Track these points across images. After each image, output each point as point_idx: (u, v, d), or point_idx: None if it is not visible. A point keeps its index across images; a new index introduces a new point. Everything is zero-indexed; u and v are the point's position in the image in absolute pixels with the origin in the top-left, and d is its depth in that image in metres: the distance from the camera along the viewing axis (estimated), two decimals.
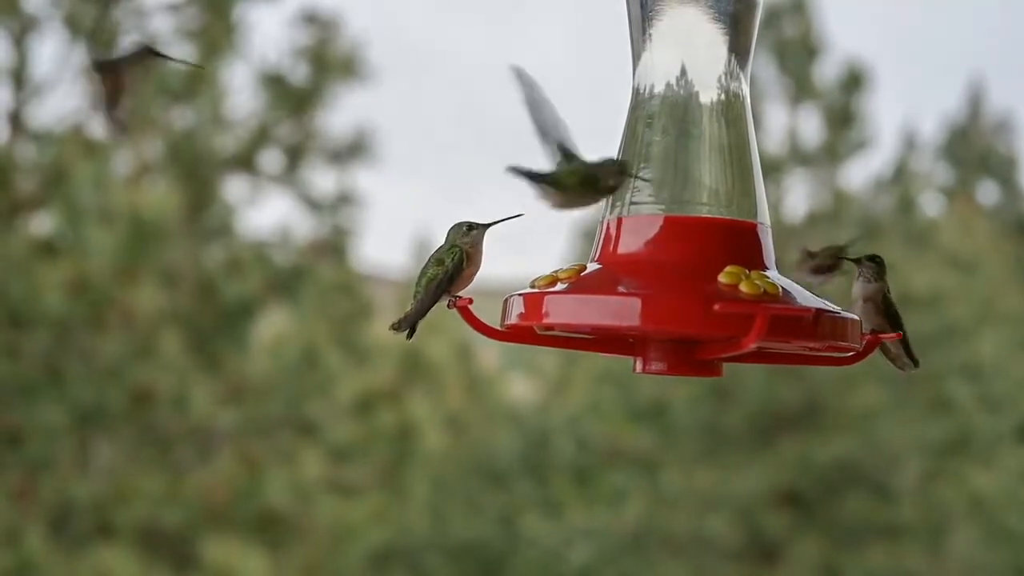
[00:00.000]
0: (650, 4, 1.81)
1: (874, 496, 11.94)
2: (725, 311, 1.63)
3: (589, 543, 12.27)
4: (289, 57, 10.50)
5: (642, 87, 1.83)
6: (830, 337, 1.73)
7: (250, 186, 10.51)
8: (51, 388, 8.77)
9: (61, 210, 8.95)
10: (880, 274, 1.89)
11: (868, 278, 1.88)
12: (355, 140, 10.65)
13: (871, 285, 1.87)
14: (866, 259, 1.90)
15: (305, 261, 10.36)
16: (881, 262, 1.90)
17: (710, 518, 11.84)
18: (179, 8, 9.69)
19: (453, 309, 1.79)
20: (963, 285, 13.29)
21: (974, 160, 17.44)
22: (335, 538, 10.07)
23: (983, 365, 12.73)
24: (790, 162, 12.82)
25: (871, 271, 1.88)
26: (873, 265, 1.89)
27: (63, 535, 8.93)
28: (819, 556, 11.73)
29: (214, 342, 9.59)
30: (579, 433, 12.73)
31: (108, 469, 9.28)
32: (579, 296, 1.73)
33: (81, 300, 8.77)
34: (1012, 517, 12.19)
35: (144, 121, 9.72)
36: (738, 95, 1.82)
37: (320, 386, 10.26)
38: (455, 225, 1.82)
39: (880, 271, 1.89)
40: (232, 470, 9.40)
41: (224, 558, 9.11)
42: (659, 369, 1.80)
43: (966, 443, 12.28)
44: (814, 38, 12.98)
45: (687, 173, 1.80)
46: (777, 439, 12.03)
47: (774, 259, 1.82)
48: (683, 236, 1.77)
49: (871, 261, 1.89)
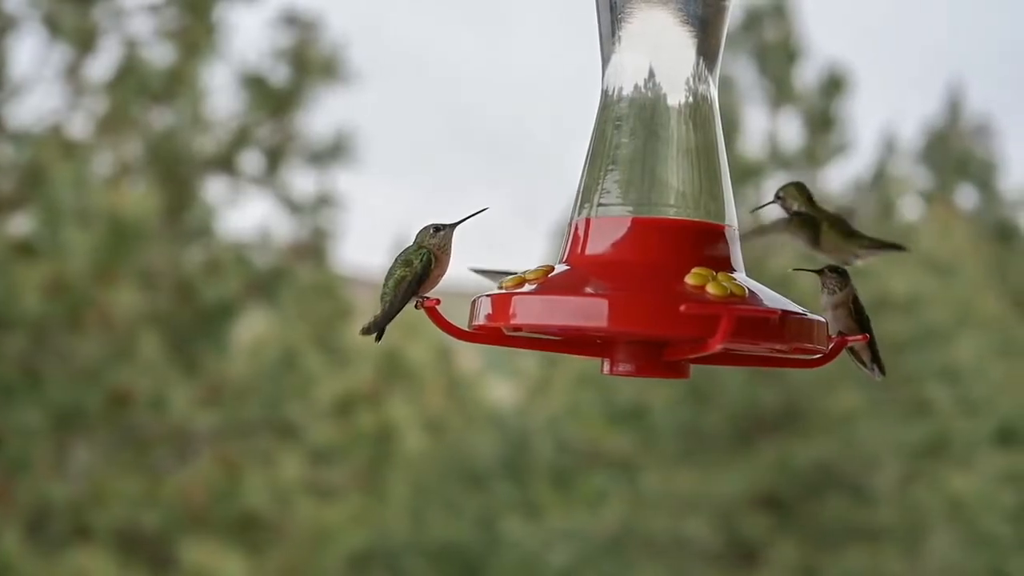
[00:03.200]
0: (619, 6, 1.81)
1: (853, 499, 11.98)
2: (691, 312, 1.64)
3: (569, 545, 12.28)
4: (270, 58, 10.48)
5: (611, 89, 1.83)
6: (796, 339, 1.74)
7: (230, 187, 10.49)
8: (28, 389, 8.74)
9: (39, 210, 8.92)
10: (844, 284, 1.88)
11: (831, 289, 1.88)
12: (336, 142, 10.63)
13: (836, 296, 1.87)
14: (828, 270, 1.90)
15: (285, 263, 10.34)
16: (844, 272, 1.90)
17: (689, 520, 11.87)
18: (159, 9, 9.67)
19: (421, 310, 1.79)
20: (942, 288, 13.34)
21: (953, 164, 17.50)
22: (314, 540, 10.06)
23: (961, 368, 12.78)
24: (770, 165, 12.86)
25: (834, 282, 1.88)
26: (836, 276, 1.89)
27: (40, 537, 8.90)
28: (798, 558, 11.77)
29: (193, 344, 9.57)
30: (559, 435, 12.74)
31: (86, 471, 9.25)
32: (546, 297, 1.74)
33: (59, 301, 8.74)
34: (990, 520, 12.24)
35: (123, 122, 9.70)
36: (706, 98, 1.83)
37: (299, 388, 10.25)
38: (423, 227, 1.82)
39: (843, 281, 1.88)
40: (211, 472, 9.39)
41: (202, 560, 9.09)
42: (627, 370, 1.81)
43: (944, 446, 12.33)
44: (795, 42, 13.02)
45: (655, 175, 1.81)
46: (756, 442, 12.06)
47: (742, 261, 1.82)
48: (651, 238, 1.78)
49: (833, 272, 1.89)
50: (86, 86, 9.61)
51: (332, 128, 10.70)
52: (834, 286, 1.88)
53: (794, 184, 2.01)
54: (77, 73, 9.53)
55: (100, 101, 9.72)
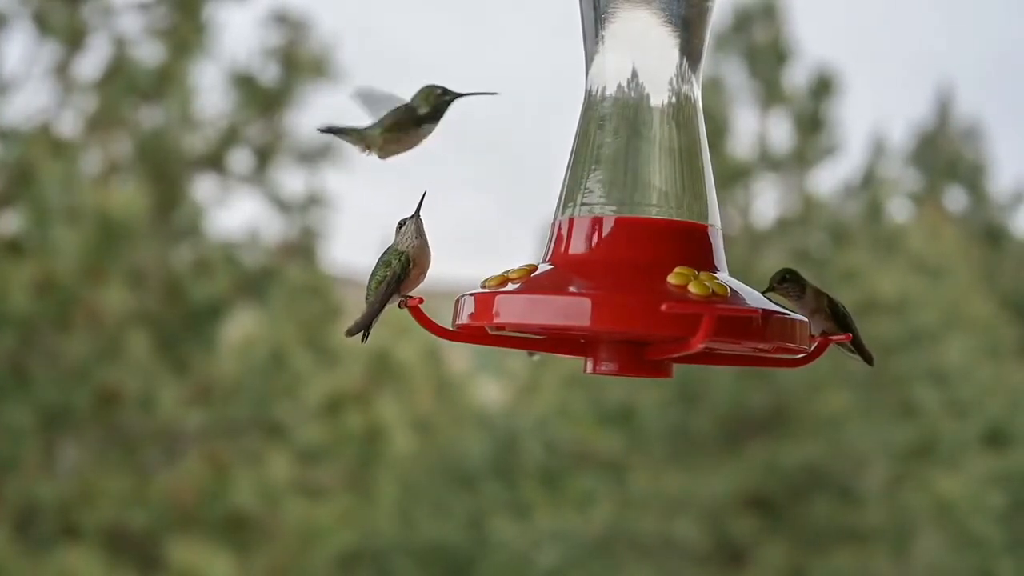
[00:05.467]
0: (603, 6, 1.82)
1: (841, 500, 12.01)
2: (673, 311, 1.64)
3: (557, 546, 12.29)
4: (259, 57, 10.47)
5: (594, 89, 1.84)
6: (778, 338, 1.74)
7: (219, 186, 10.48)
8: (17, 388, 8.72)
9: (28, 209, 8.90)
10: (800, 284, 1.85)
11: (794, 295, 1.85)
12: (325, 141, 10.61)
13: (803, 298, 1.86)
14: (776, 282, 1.85)
15: (274, 262, 10.33)
16: (793, 274, 1.85)
17: (678, 521, 11.88)
18: (148, 7, 9.66)
19: (405, 309, 1.79)
20: (930, 290, 13.37)
21: (942, 166, 17.55)
22: (302, 540, 10.05)
23: (949, 370, 12.82)
24: (759, 167, 12.88)
25: (792, 287, 1.85)
26: (786, 285, 1.84)
27: (28, 536, 8.89)
28: (786, 559, 11.79)
29: (182, 343, 9.56)
30: (548, 436, 12.75)
31: (74, 470, 9.23)
32: (529, 296, 1.74)
33: (48, 300, 8.73)
34: (978, 522, 12.28)
35: (112, 120, 9.68)
36: (690, 98, 1.83)
37: (288, 387, 10.23)
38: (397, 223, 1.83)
39: (796, 283, 1.85)
40: (199, 471, 9.37)
41: (190, 560, 9.07)
42: (610, 369, 1.81)
43: (932, 448, 12.36)
44: (784, 43, 13.04)
45: (638, 175, 1.81)
46: (744, 443, 12.08)
47: (725, 261, 1.83)
48: (633, 237, 1.78)
49: (781, 283, 1.84)
50: (75, 84, 9.60)
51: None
52: (793, 290, 1.85)
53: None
54: (66, 71, 9.51)
55: (89, 99, 9.71)
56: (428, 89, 1.96)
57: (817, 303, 1.86)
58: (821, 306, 1.86)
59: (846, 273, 11.96)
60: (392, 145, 1.97)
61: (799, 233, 12.79)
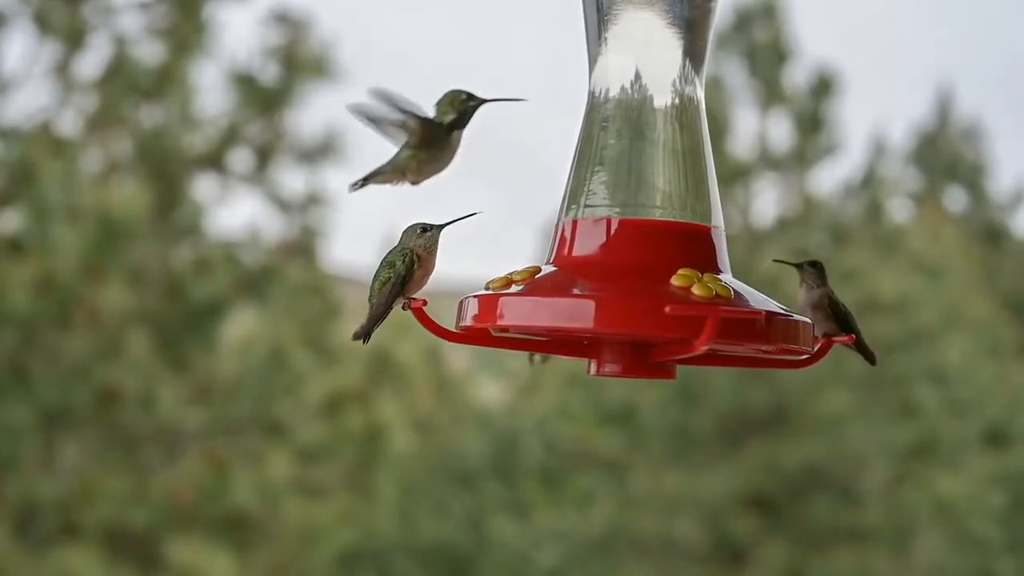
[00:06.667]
0: (606, 8, 1.82)
1: (841, 500, 12.01)
2: (677, 313, 1.64)
3: (557, 545, 12.29)
4: (259, 56, 10.47)
5: (597, 90, 1.83)
6: (782, 339, 1.74)
7: (219, 185, 10.48)
8: (17, 387, 8.72)
9: (28, 208, 8.90)
10: (822, 279, 1.89)
11: (811, 284, 1.89)
12: (325, 140, 10.62)
13: (814, 291, 1.88)
14: (807, 265, 1.90)
15: (274, 261, 10.33)
16: (821, 267, 1.90)
17: (678, 521, 11.88)
18: (149, 6, 9.66)
19: (408, 311, 1.79)
20: (930, 290, 13.37)
21: (942, 166, 17.56)
22: (302, 539, 10.05)
23: (949, 370, 12.82)
24: (760, 167, 12.88)
25: (813, 277, 1.89)
26: (814, 271, 1.89)
27: (28, 535, 8.89)
28: (786, 559, 11.79)
29: (182, 342, 9.56)
30: (548, 435, 12.75)
31: (74, 469, 9.24)
32: (533, 298, 1.74)
33: (48, 299, 8.73)
34: (977, 521, 12.28)
35: (113, 119, 9.68)
36: (692, 99, 1.83)
37: (288, 387, 10.23)
38: (409, 227, 1.81)
39: (821, 276, 1.89)
40: (199, 470, 9.37)
41: (190, 559, 9.08)
42: (613, 371, 1.81)
43: (932, 447, 12.37)
44: (784, 43, 13.05)
45: (641, 176, 1.81)
46: (745, 442, 12.08)
47: (728, 262, 1.83)
48: (637, 239, 1.78)
49: (812, 267, 1.90)
50: (75, 83, 9.60)
51: (322, 126, 10.69)
52: (813, 281, 1.88)
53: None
54: (67, 70, 9.51)
55: (90, 98, 9.71)
56: (453, 94, 1.89)
57: (821, 302, 1.87)
58: (824, 305, 1.87)
59: (846, 273, 11.95)
60: (427, 166, 1.88)
61: (799, 233, 12.79)
